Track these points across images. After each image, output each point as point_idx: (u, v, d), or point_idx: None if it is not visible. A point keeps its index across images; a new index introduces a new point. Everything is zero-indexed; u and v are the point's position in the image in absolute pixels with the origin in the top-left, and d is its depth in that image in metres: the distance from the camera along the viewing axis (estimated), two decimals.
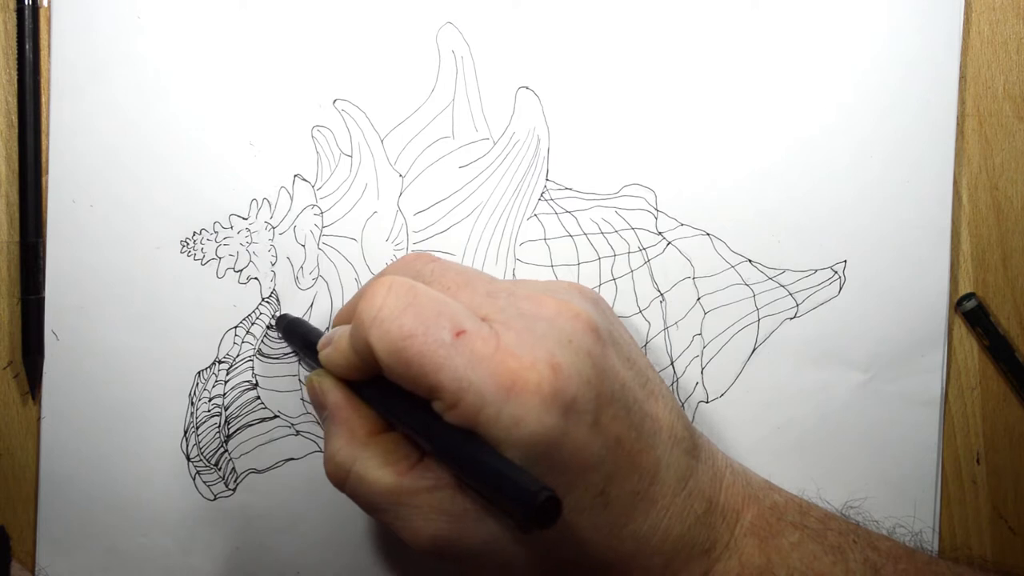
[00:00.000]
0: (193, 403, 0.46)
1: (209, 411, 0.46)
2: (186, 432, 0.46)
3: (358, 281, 0.46)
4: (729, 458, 0.41)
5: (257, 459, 0.46)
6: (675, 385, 0.47)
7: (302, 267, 0.46)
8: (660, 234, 0.46)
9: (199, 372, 0.46)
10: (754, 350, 0.46)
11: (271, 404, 0.46)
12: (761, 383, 0.46)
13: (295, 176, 0.46)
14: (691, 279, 0.46)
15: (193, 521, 0.46)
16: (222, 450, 0.46)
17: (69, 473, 0.46)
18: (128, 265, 0.46)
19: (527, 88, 0.46)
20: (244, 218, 0.46)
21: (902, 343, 0.46)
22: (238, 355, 0.46)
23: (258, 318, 0.46)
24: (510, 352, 0.34)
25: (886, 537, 0.41)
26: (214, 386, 0.46)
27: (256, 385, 0.46)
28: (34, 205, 0.45)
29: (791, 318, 0.46)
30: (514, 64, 0.46)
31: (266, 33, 0.45)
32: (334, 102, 0.46)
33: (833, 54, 0.46)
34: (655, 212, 0.46)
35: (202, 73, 0.45)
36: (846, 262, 0.46)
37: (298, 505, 0.46)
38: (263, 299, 0.46)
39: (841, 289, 0.46)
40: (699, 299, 0.46)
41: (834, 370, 0.46)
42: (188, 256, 0.46)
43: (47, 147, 0.46)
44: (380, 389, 0.37)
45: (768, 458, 0.46)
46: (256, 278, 0.46)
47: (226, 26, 0.45)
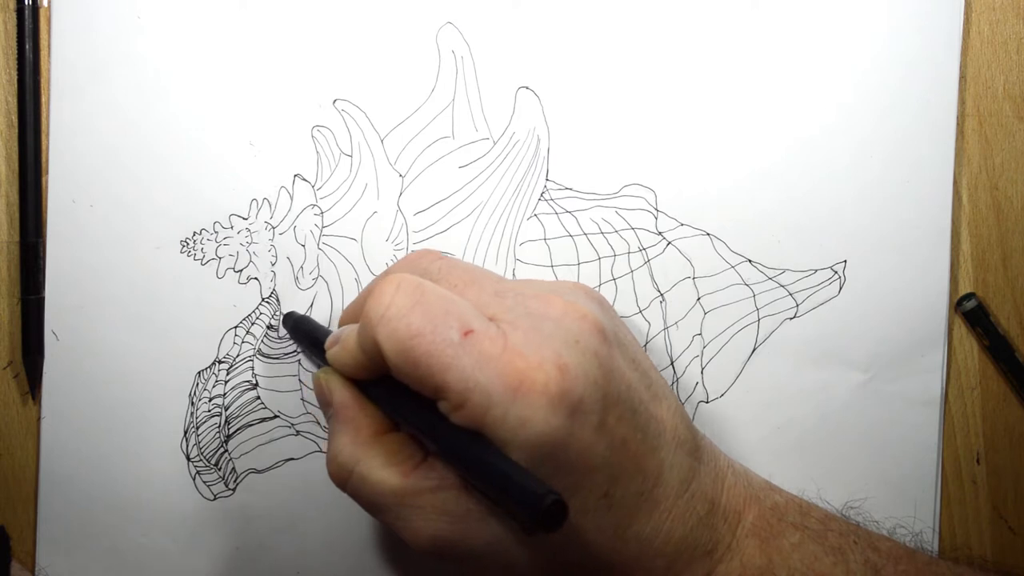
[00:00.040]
0: (193, 403, 0.46)
1: (209, 411, 0.46)
2: (186, 432, 0.46)
3: (358, 281, 0.46)
4: (730, 459, 0.41)
5: (257, 459, 0.46)
6: (675, 385, 0.46)
7: (302, 267, 0.46)
8: (660, 234, 0.46)
9: (199, 372, 0.46)
10: (754, 350, 0.46)
11: (271, 404, 0.46)
12: (761, 383, 0.46)
13: (295, 176, 0.46)
14: (691, 279, 0.46)
15: (193, 521, 0.46)
16: (222, 450, 0.46)
17: (69, 473, 0.46)
18: (128, 265, 0.46)
19: (527, 88, 0.46)
20: (244, 218, 0.46)
21: (902, 343, 0.46)
22: (238, 355, 0.46)
23: (258, 318, 0.46)
24: (518, 352, 0.34)
25: (886, 538, 0.41)
26: (214, 386, 0.46)
27: (256, 385, 0.46)
28: (34, 205, 0.45)
29: (791, 318, 0.46)
30: (514, 64, 0.46)
31: (266, 33, 0.45)
32: (334, 102, 0.46)
33: (833, 54, 0.46)
34: (655, 212, 0.46)
35: (202, 73, 0.45)
36: (846, 262, 0.46)
37: (298, 505, 0.46)
38: (263, 299, 0.46)
39: (841, 289, 0.46)
40: (699, 299, 0.46)
41: (834, 370, 0.46)
42: (188, 256, 0.46)
43: (47, 147, 0.45)
44: (387, 388, 0.37)
45: (768, 458, 0.46)
46: (256, 278, 0.46)
47: (226, 26, 0.45)
